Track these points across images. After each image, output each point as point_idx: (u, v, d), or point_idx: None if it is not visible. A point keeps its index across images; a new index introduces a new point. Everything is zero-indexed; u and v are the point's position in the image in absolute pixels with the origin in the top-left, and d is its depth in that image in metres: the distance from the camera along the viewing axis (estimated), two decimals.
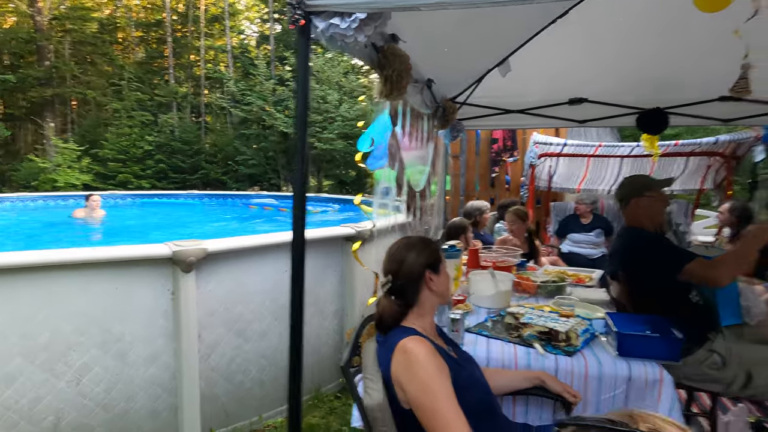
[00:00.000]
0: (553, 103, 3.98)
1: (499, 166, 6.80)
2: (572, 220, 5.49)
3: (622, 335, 1.87)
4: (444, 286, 1.57)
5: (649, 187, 2.39)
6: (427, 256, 1.53)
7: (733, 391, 2.24)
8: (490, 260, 3.05)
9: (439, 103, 3.51)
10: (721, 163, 5.48)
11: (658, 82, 3.66)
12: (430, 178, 3.31)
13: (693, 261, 2.12)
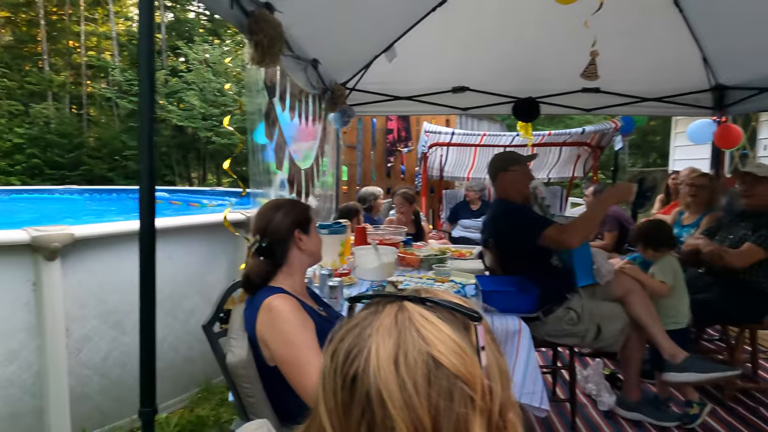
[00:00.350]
0: (439, 91, 4.17)
1: (395, 156, 6.99)
2: (462, 207, 5.80)
3: (486, 292, 2.02)
4: (314, 246, 1.59)
5: (514, 162, 2.59)
6: (296, 216, 1.54)
7: (586, 343, 2.50)
8: (376, 238, 3.13)
9: (328, 86, 3.54)
10: (589, 153, 6.09)
11: (530, 73, 3.98)
12: (319, 158, 3.32)
13: (550, 227, 2.34)
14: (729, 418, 2.63)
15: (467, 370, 0.50)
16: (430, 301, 0.57)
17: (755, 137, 5.93)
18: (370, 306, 0.57)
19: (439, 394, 0.49)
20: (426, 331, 0.52)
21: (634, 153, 16.85)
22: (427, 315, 0.54)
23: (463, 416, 0.48)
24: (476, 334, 0.53)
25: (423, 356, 0.50)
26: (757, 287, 2.79)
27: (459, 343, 0.52)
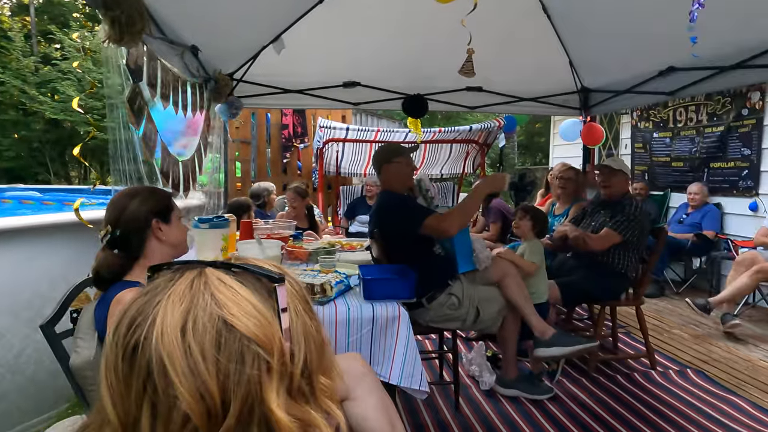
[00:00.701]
0: (330, 85, 4.15)
1: (291, 152, 6.87)
2: (360, 203, 5.84)
3: (366, 280, 2.04)
4: (176, 237, 1.49)
5: (397, 153, 2.65)
6: (154, 204, 1.44)
7: (467, 326, 2.63)
8: (264, 232, 3.04)
9: (211, 75, 3.37)
10: (477, 150, 6.42)
11: (418, 70, 4.09)
12: (201, 150, 3.15)
13: (430, 216, 2.43)
14: (592, 387, 2.91)
15: (263, 332, 0.48)
16: (234, 266, 0.54)
17: (618, 137, 6.63)
18: (168, 273, 0.54)
19: (229, 358, 0.47)
20: (221, 294, 0.50)
21: (523, 153, 18.09)
22: (226, 279, 0.52)
23: (256, 379, 0.47)
24: (276, 296, 0.52)
25: (214, 320, 0.48)
26: (615, 268, 3.11)
27: (256, 305, 0.50)
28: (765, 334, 3.83)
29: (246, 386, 0.46)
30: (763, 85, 4.49)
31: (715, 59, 3.04)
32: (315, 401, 0.53)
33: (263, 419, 0.47)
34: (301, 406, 0.50)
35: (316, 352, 0.54)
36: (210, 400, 0.45)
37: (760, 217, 4.54)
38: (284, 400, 0.49)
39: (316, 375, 0.53)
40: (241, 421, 0.46)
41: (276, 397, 0.47)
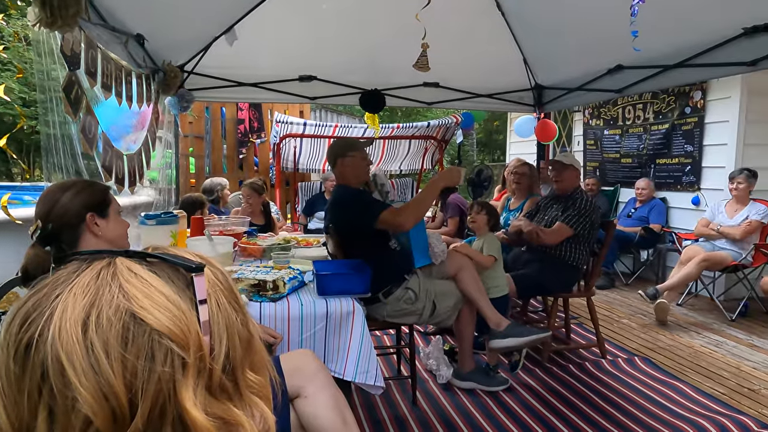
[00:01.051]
0: (285, 79, 4.07)
1: (247, 148, 6.72)
2: (318, 199, 5.77)
3: (320, 276, 2.01)
4: (115, 233, 1.41)
5: (351, 147, 2.62)
6: (88, 197, 1.36)
7: (423, 320, 2.63)
8: (216, 229, 2.95)
9: (159, 66, 3.24)
10: (435, 146, 6.47)
11: (375, 65, 4.07)
12: (149, 144, 3.03)
13: (385, 210, 2.41)
14: (546, 377, 2.97)
15: (177, 325, 0.45)
16: (149, 256, 0.50)
17: (571, 134, 6.82)
18: (74, 264, 0.49)
19: (137, 355, 0.43)
20: (130, 286, 0.46)
21: (482, 150, 18.39)
22: (137, 269, 0.48)
23: (168, 376, 0.43)
24: (193, 287, 0.48)
25: (120, 314, 0.44)
26: (567, 261, 3.19)
27: (170, 297, 0.46)
28: (706, 322, 4.02)
29: (156, 384, 0.43)
30: (704, 85, 4.70)
31: (659, 58, 3.15)
32: (240, 398, 0.50)
33: (178, 419, 0.43)
34: (222, 404, 0.47)
35: (241, 347, 0.51)
36: (115, 401, 0.41)
37: (701, 211, 4.76)
38: (203, 398, 0.45)
39: (241, 371, 0.50)
40: (151, 422, 0.42)
41: (192, 395, 0.44)
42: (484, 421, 2.47)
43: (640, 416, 2.50)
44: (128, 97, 2.63)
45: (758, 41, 2.52)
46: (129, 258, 0.50)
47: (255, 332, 0.54)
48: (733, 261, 4.04)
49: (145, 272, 0.48)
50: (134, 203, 3.39)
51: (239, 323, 0.52)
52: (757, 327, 3.87)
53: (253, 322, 0.55)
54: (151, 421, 0.42)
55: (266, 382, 0.54)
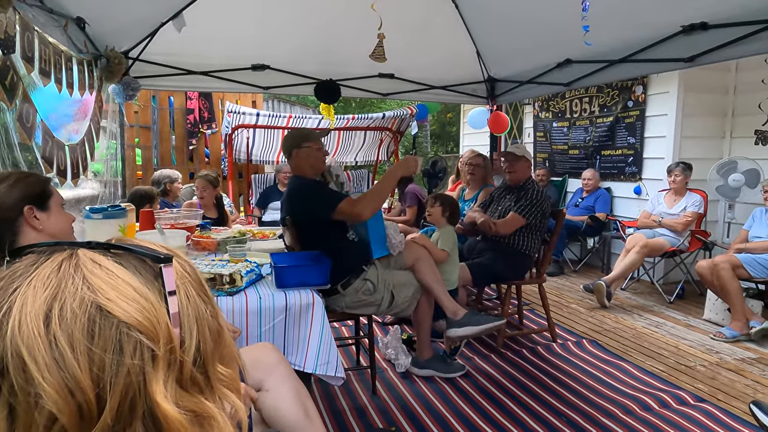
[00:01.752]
0: (237, 68, 3.96)
1: (197, 139, 6.51)
2: (272, 191, 5.67)
3: (278, 268, 1.98)
4: (57, 227, 1.34)
5: (306, 138, 2.59)
6: (26, 189, 1.28)
7: (382, 311, 2.65)
8: (168, 222, 2.85)
9: (101, 52, 3.08)
10: (391, 138, 6.49)
11: (330, 55, 4.03)
12: (92, 134, 2.88)
13: (343, 200, 2.40)
14: (501, 362, 3.06)
15: (145, 317, 0.43)
16: (113, 247, 0.48)
17: (522, 126, 7.01)
18: (31, 257, 0.47)
19: (104, 348, 0.41)
20: (95, 277, 0.44)
21: (435, 142, 18.58)
22: (101, 261, 0.46)
23: (137, 369, 0.42)
24: (162, 278, 0.47)
25: (85, 306, 0.42)
26: (520, 250, 3.28)
27: (138, 289, 0.45)
28: (647, 305, 4.26)
29: (126, 378, 0.41)
30: (645, 80, 4.94)
31: (605, 53, 3.28)
32: (211, 391, 0.49)
33: (148, 413, 0.42)
34: (194, 397, 0.46)
35: (212, 339, 0.50)
36: (81, 396, 0.40)
37: (643, 200, 5.02)
38: (174, 390, 0.44)
39: (211, 363, 0.49)
40: (120, 417, 0.41)
41: (163, 388, 0.43)
42: (442, 406, 2.52)
43: (588, 395, 2.63)
44: (69, 84, 2.49)
45: (695, 39, 2.67)
46: (92, 249, 0.48)
47: (224, 325, 0.53)
48: (671, 247, 4.28)
49: (111, 263, 0.46)
50: (78, 196, 3.21)
51: (209, 315, 0.51)
52: (692, 308, 4.14)
53: (222, 315, 0.54)
54: (121, 416, 0.41)
55: (236, 375, 0.54)
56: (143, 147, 6.34)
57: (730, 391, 2.70)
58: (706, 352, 3.22)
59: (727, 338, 3.40)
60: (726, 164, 4.33)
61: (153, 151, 6.34)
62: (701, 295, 4.20)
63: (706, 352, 3.22)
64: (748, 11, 2.37)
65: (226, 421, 0.48)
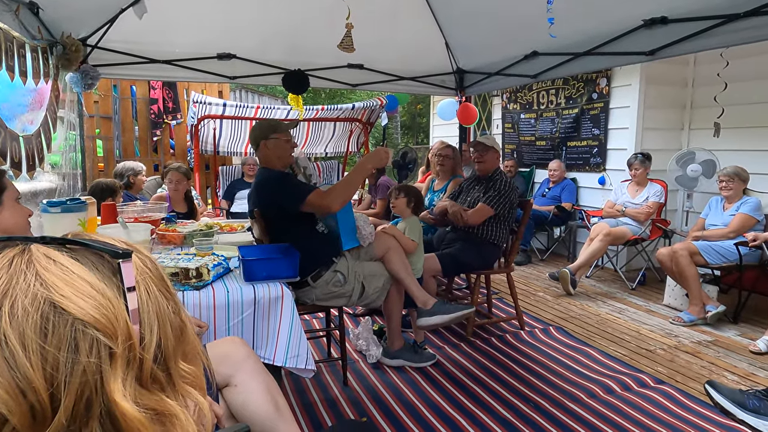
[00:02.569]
0: (203, 57, 3.87)
1: (161, 130, 6.33)
2: (239, 183, 5.59)
3: (246, 261, 1.95)
4: (11, 222, 1.29)
5: (274, 129, 2.55)
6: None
7: (353, 302, 2.64)
8: (132, 215, 2.77)
9: (57, 39, 2.95)
10: (360, 129, 6.46)
11: (298, 44, 3.96)
12: (49, 124, 2.76)
13: (311, 193, 2.38)
14: (470, 350, 3.11)
15: (102, 314, 0.42)
16: (69, 242, 0.47)
17: (491, 117, 7.08)
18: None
19: (58, 346, 0.40)
20: (48, 273, 0.43)
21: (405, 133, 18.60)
22: (55, 256, 0.44)
23: (94, 367, 0.41)
24: (121, 273, 0.46)
25: (38, 303, 0.41)
26: (489, 239, 3.33)
27: (95, 285, 0.44)
28: (610, 292, 4.39)
29: (81, 377, 0.40)
30: (609, 72, 5.05)
31: (570, 46, 3.34)
32: (173, 388, 0.48)
33: (106, 412, 0.41)
34: (154, 395, 0.45)
35: (174, 336, 0.49)
36: (34, 396, 0.38)
37: (607, 190, 5.16)
38: (133, 389, 0.43)
39: (173, 360, 0.48)
40: (76, 417, 0.40)
41: (121, 386, 0.42)
42: (413, 396, 2.55)
43: (555, 381, 2.70)
44: (22, 73, 2.38)
45: (656, 33, 2.74)
46: (46, 245, 0.46)
47: (187, 321, 0.52)
48: (633, 235, 4.42)
49: (66, 259, 0.45)
50: (34, 190, 3.09)
51: (171, 312, 0.49)
52: (653, 294, 4.29)
53: (185, 312, 0.53)
54: (76, 416, 0.40)
55: (200, 372, 0.53)
56: (104, 138, 6.13)
57: (688, 372, 2.82)
58: (665, 336, 3.35)
59: (685, 322, 3.55)
60: (685, 155, 4.48)
61: (115, 143, 6.13)
62: (661, 281, 4.36)
63: (666, 336, 3.35)
64: (707, 6, 2.45)
65: (189, 418, 0.47)
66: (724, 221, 3.82)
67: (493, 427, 2.26)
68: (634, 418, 2.32)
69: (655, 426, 2.25)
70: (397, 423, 2.31)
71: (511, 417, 2.34)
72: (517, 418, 2.32)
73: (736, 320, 3.59)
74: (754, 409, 2.14)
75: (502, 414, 2.37)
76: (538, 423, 2.29)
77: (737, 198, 3.83)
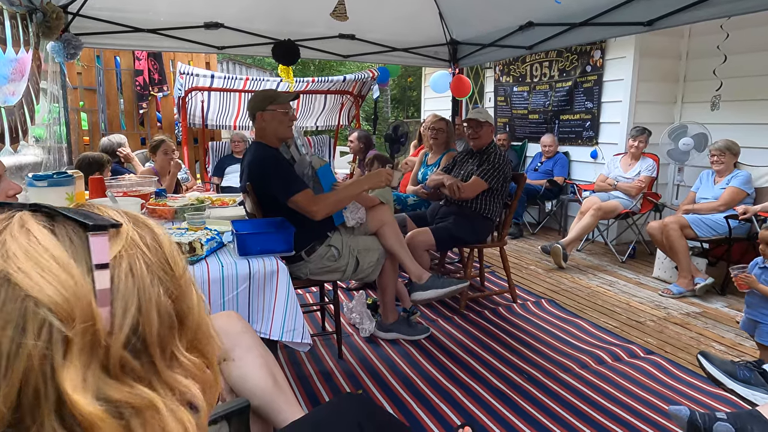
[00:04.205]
0: (189, 26, 3.75)
1: (147, 102, 6.18)
2: (229, 158, 5.50)
3: (241, 235, 1.92)
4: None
5: (272, 100, 2.47)
6: None
7: (347, 276, 2.63)
8: (121, 189, 2.72)
9: (36, 5, 2.84)
10: (352, 102, 6.36)
11: (288, 13, 3.85)
12: (31, 95, 2.67)
13: (301, 192, 2.31)
14: (463, 323, 3.14)
15: (59, 293, 0.38)
16: (48, 209, 0.42)
17: (483, 90, 7.01)
18: None
19: (4, 324, 0.36)
20: (14, 243, 0.39)
21: (396, 107, 18.41)
22: (31, 225, 0.40)
23: (41, 353, 0.36)
24: (89, 248, 0.41)
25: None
26: (482, 213, 3.32)
27: (60, 260, 0.39)
28: (601, 265, 4.44)
29: (26, 362, 0.36)
30: (603, 44, 4.99)
31: (566, 16, 3.28)
32: (158, 378, 0.43)
33: (57, 404, 0.37)
34: (125, 385, 0.40)
35: (160, 322, 0.43)
36: None
37: (599, 164, 5.16)
38: (96, 378, 0.38)
39: (159, 348, 0.43)
40: (22, 406, 0.36)
41: (75, 375, 0.37)
42: (407, 368, 2.57)
43: (547, 352, 2.73)
44: (1, 41, 2.28)
45: (654, 2, 2.69)
46: (33, 212, 0.42)
47: (193, 306, 0.47)
48: (624, 209, 4.44)
49: (38, 229, 0.40)
50: (19, 163, 3.01)
51: (161, 294, 0.44)
52: (642, 267, 4.34)
53: (194, 296, 0.47)
54: (22, 405, 0.36)
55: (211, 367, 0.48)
56: (89, 111, 5.97)
57: (677, 343, 2.87)
58: (654, 308, 3.40)
59: (674, 294, 3.60)
60: (677, 128, 4.48)
61: (100, 116, 5.98)
62: (651, 254, 4.41)
63: (655, 308, 3.40)
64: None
65: (179, 410, 0.42)
66: (715, 195, 3.85)
67: (486, 398, 2.29)
68: (625, 387, 2.37)
69: (646, 395, 2.30)
70: (392, 394, 2.34)
71: (505, 388, 2.37)
72: (511, 389, 2.36)
73: (724, 292, 3.65)
74: (744, 379, 2.19)
75: (495, 385, 2.40)
76: (531, 393, 2.33)
77: (728, 171, 3.85)
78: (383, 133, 6.80)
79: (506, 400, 2.27)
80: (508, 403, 2.25)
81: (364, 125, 7.15)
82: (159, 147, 3.82)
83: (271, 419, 1.37)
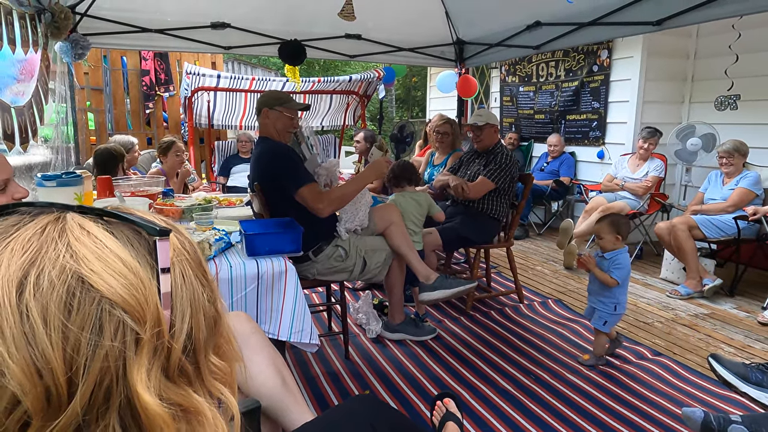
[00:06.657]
0: (195, 26, 3.76)
1: (154, 102, 6.20)
2: (234, 158, 5.51)
3: (249, 236, 1.93)
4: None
5: (282, 102, 2.49)
6: None
7: (354, 277, 2.64)
8: (128, 189, 2.73)
9: (45, 5, 2.85)
10: (357, 102, 6.36)
11: (294, 13, 3.86)
12: (40, 95, 2.69)
13: (308, 185, 2.33)
14: (470, 323, 3.13)
15: (132, 294, 0.39)
16: (107, 214, 0.43)
17: (489, 90, 6.99)
18: (15, 216, 0.41)
19: (82, 325, 0.37)
20: (80, 245, 0.39)
21: (400, 107, 18.41)
22: (90, 227, 0.41)
23: (117, 353, 0.37)
24: (156, 252, 0.42)
25: (66, 276, 0.37)
26: (489, 214, 3.32)
27: (128, 262, 0.40)
28: None
29: (103, 362, 0.37)
30: (610, 44, 4.97)
31: (574, 15, 3.26)
32: (201, 383, 0.44)
33: (126, 404, 0.38)
34: (181, 389, 0.41)
35: (206, 326, 0.45)
36: (50, 378, 0.35)
37: (606, 164, 5.14)
38: (158, 381, 0.40)
39: (203, 353, 0.45)
40: (93, 406, 0.37)
41: (145, 376, 0.38)
42: (414, 368, 2.57)
43: (554, 353, 2.72)
44: (10, 41, 2.30)
45: (664, 2, 2.68)
46: (82, 214, 0.42)
47: (223, 313, 0.48)
48: (631, 210, 4.42)
49: (100, 231, 0.41)
50: (29, 163, 3.03)
51: (206, 300, 0.45)
52: (650, 268, 4.32)
53: (221, 302, 0.49)
54: (94, 405, 0.37)
55: (232, 370, 0.49)
56: (96, 111, 5.99)
57: (685, 345, 2.85)
58: (662, 309, 3.38)
59: (682, 296, 3.58)
60: (685, 129, 4.45)
61: (107, 115, 6.00)
62: (658, 255, 4.38)
63: (663, 309, 3.38)
64: None
65: (218, 417, 0.43)
66: (724, 195, 3.82)
67: (493, 398, 2.28)
68: (633, 389, 2.35)
69: (654, 397, 2.28)
70: (399, 395, 2.33)
71: (511, 388, 2.37)
72: (518, 390, 2.35)
73: (733, 293, 3.63)
74: (756, 381, 2.17)
75: (502, 385, 2.40)
76: (538, 394, 2.32)
77: (737, 172, 3.82)
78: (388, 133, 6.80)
79: (513, 401, 2.26)
80: (515, 404, 2.24)
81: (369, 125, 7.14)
82: (170, 148, 3.84)
83: (280, 420, 1.37)
